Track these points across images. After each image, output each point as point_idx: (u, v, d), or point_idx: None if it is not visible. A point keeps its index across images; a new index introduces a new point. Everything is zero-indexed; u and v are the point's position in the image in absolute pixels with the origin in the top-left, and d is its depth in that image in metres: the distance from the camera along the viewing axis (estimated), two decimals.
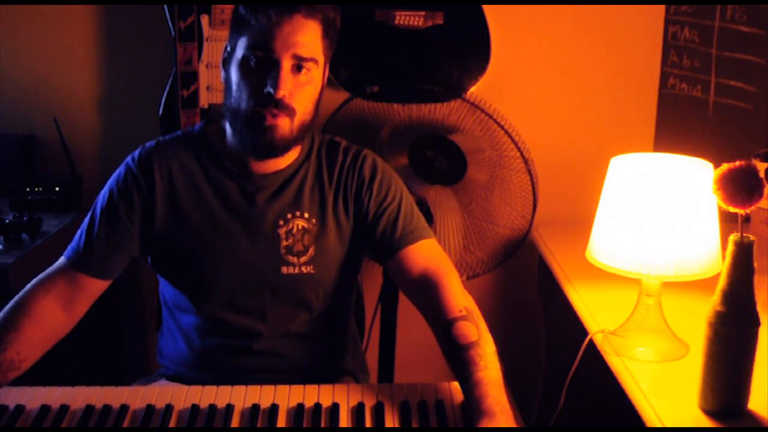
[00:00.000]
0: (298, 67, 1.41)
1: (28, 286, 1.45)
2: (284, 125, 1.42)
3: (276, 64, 1.39)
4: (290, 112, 1.42)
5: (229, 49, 1.47)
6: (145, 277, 2.42)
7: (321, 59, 1.45)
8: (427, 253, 1.52)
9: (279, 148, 1.46)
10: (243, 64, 1.42)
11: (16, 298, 1.43)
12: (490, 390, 1.26)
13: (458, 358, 1.33)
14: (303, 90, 1.43)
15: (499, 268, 2.32)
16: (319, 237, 1.52)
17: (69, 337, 1.47)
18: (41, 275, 1.48)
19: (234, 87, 1.44)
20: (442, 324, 1.39)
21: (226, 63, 1.48)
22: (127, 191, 1.50)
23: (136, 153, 1.54)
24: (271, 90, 1.39)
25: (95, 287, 1.49)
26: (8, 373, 1.34)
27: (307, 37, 1.40)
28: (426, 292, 1.46)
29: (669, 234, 1.44)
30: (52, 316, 1.43)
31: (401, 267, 1.52)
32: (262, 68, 1.40)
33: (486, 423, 1.21)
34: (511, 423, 1.22)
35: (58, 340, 1.45)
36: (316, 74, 1.44)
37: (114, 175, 1.54)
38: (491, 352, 1.34)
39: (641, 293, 1.54)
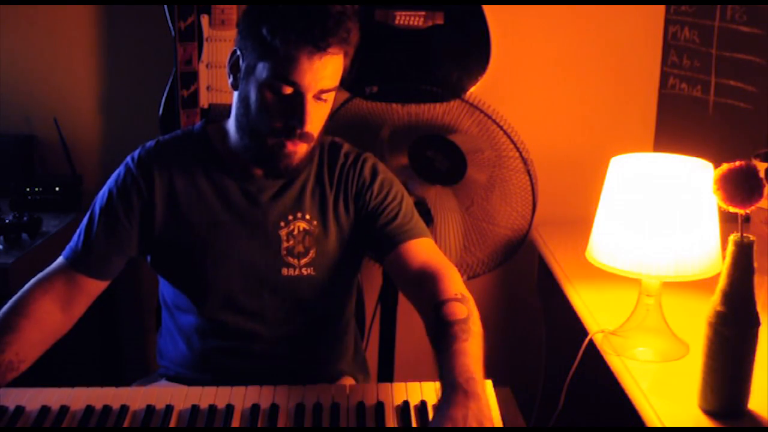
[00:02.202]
0: (318, 96, 1.39)
1: (27, 286, 1.45)
2: (302, 151, 1.43)
3: (301, 97, 1.37)
4: (310, 139, 1.43)
5: (241, 59, 1.42)
6: (145, 278, 2.42)
7: (338, 81, 1.43)
8: (427, 249, 1.50)
9: (297, 171, 1.47)
10: (266, 89, 1.38)
11: (14, 298, 1.42)
12: (466, 361, 1.20)
13: (442, 332, 1.28)
14: (321, 114, 1.43)
15: (499, 268, 2.32)
16: (320, 239, 1.52)
17: (69, 337, 1.47)
18: (39, 275, 1.47)
19: (253, 107, 1.41)
20: (434, 304, 1.34)
21: (235, 70, 1.44)
22: (126, 192, 1.50)
23: (136, 153, 1.53)
24: (297, 124, 1.38)
25: (94, 287, 1.49)
26: (7, 374, 1.34)
27: (332, 69, 1.38)
28: (423, 283, 1.42)
29: (669, 234, 1.44)
30: (51, 316, 1.43)
31: (400, 261, 1.49)
32: (286, 98, 1.38)
33: (453, 398, 1.14)
34: (479, 401, 1.14)
35: (57, 341, 1.45)
36: (332, 94, 1.43)
37: (113, 176, 1.53)
38: (477, 332, 1.29)
39: (641, 293, 1.54)
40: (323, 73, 1.37)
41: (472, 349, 1.24)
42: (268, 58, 1.36)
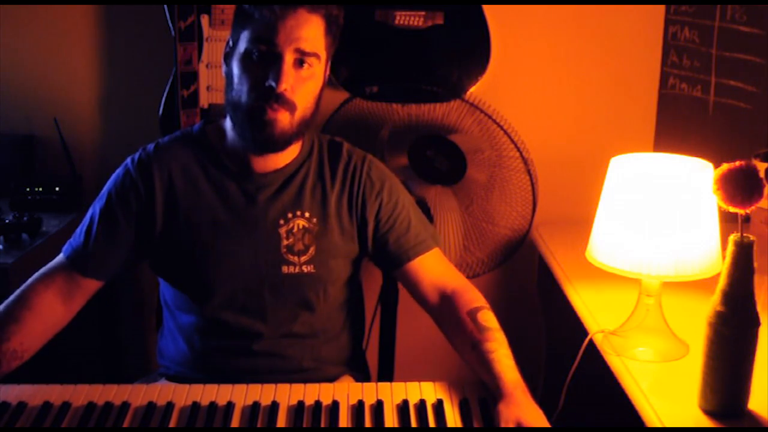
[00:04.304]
0: (300, 62, 1.41)
1: (29, 280, 1.49)
2: (284, 119, 1.43)
3: (278, 58, 1.40)
4: (291, 107, 1.42)
5: (231, 43, 1.48)
6: (145, 278, 2.42)
7: (323, 55, 1.45)
8: (441, 261, 1.58)
9: (279, 143, 1.46)
10: (245, 57, 1.42)
11: (17, 291, 1.47)
12: (512, 363, 1.39)
13: (482, 336, 1.42)
14: (304, 85, 1.43)
15: (499, 268, 2.32)
16: (320, 236, 1.53)
17: (70, 336, 1.49)
18: (42, 270, 1.51)
19: (235, 80, 1.44)
20: (467, 311, 1.48)
21: (227, 57, 1.48)
22: (125, 195, 1.51)
23: (136, 156, 1.54)
24: (273, 83, 1.39)
25: (92, 286, 1.52)
26: (12, 362, 1.39)
27: (310, 32, 1.41)
28: (446, 296, 1.53)
29: (669, 234, 1.44)
30: (53, 309, 1.47)
31: (417, 274, 1.56)
32: (264, 62, 1.41)
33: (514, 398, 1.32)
34: (531, 401, 1.33)
35: (58, 332, 1.49)
36: (318, 69, 1.45)
37: (112, 178, 1.54)
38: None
39: (641, 293, 1.54)
40: (298, 33, 1.39)
41: (509, 353, 1.42)
42: (247, 27, 1.42)
